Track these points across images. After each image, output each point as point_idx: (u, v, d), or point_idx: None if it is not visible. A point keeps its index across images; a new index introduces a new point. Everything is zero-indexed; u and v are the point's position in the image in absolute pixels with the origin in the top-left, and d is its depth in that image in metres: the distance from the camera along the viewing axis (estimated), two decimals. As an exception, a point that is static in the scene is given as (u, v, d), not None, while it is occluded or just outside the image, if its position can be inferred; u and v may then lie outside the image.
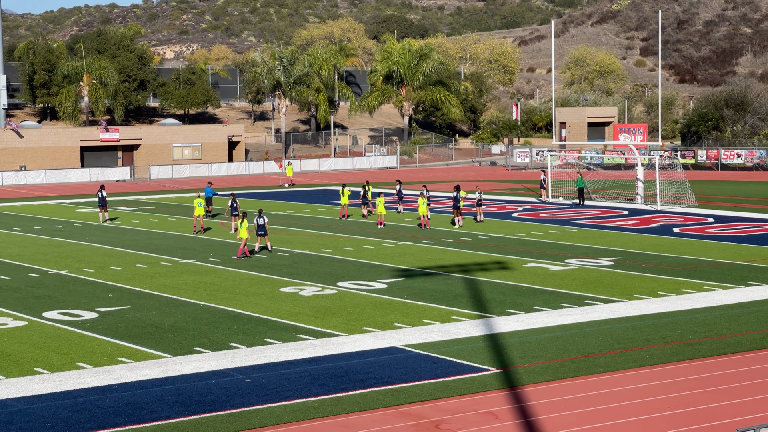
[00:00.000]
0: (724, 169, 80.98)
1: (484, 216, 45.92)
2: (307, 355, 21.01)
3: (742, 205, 52.47)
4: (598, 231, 41.95)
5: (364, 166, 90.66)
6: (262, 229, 35.67)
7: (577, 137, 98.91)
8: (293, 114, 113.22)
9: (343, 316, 24.96)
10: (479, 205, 45.23)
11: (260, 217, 35.85)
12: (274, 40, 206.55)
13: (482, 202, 46.14)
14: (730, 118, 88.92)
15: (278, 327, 23.80)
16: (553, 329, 23.23)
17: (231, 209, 42.83)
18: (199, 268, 32.97)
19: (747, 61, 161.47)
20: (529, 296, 27.27)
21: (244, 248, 35.12)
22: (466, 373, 19.48)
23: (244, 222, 35.04)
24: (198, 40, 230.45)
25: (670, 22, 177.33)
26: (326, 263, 33.79)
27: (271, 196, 62.40)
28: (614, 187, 60.58)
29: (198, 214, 42.75)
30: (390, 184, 56.84)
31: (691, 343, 21.72)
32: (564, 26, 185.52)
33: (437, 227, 43.57)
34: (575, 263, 33.03)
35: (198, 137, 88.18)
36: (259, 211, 36.76)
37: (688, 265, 32.47)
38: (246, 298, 27.45)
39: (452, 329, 23.30)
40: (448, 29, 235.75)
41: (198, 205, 42.85)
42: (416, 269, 32.13)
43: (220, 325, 24.12)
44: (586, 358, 20.58)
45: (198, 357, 20.97)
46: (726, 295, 27.16)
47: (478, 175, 77.57)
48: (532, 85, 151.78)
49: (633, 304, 26.04)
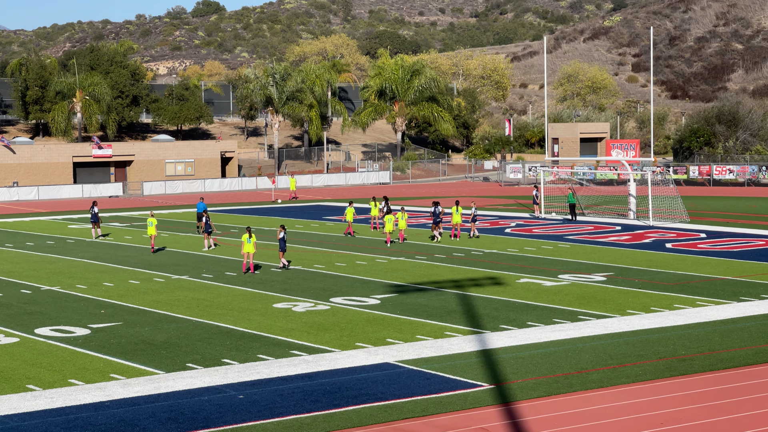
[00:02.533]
0: (716, 184, 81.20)
1: (477, 231, 45.95)
2: (300, 371, 20.97)
3: (735, 220, 52.59)
4: (590, 246, 42.00)
5: (357, 182, 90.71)
6: (282, 245, 35.74)
7: (569, 153, 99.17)
8: (286, 130, 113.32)
9: (336, 331, 24.93)
10: (474, 221, 45.35)
11: (281, 232, 35.93)
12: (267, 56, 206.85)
13: (477, 218, 46.31)
14: (722, 133, 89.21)
15: (271, 343, 23.76)
16: (546, 345, 23.23)
17: (205, 226, 42.69)
18: (191, 284, 32.92)
19: (738, 77, 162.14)
20: (522, 312, 27.27)
21: (248, 263, 35.06)
22: (459, 389, 19.46)
23: (253, 237, 34.96)
24: (191, 56, 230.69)
25: (661, 38, 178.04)
26: (319, 279, 33.76)
27: (264, 212, 62.37)
28: (607, 203, 60.69)
29: (150, 233, 41.90)
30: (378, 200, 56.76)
31: (684, 359, 21.74)
32: (556, 42, 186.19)
33: (434, 243, 43.59)
34: (568, 279, 33.05)
35: (191, 153, 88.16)
36: (281, 227, 36.45)
37: (681, 280, 32.52)
38: (239, 314, 27.40)
39: (445, 345, 23.28)
40: (440, 45, 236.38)
41: (150, 225, 42.07)
42: (409, 285, 32.12)
43: (213, 341, 24.07)
44: (580, 373, 20.58)
45: (191, 373, 20.91)
46: (718, 311, 27.20)
47: (470, 190, 77.69)
48: (525, 100, 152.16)
49: (626, 320, 26.05)
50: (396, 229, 43.74)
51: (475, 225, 45.32)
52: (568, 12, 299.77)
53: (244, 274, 34.90)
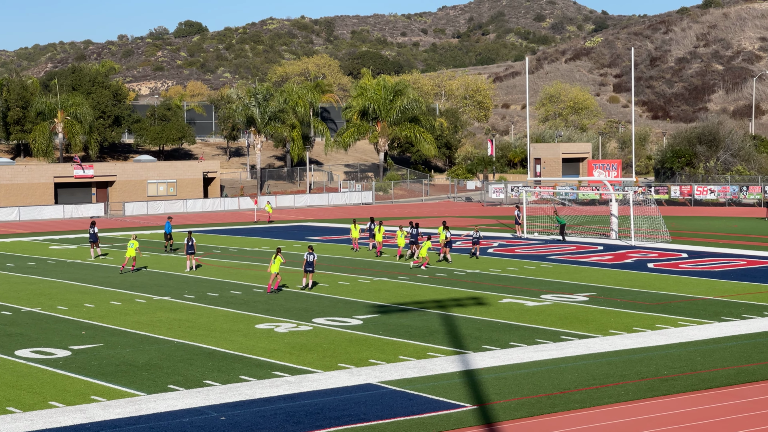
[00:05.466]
0: (697, 204, 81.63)
1: (455, 252, 46.28)
2: (283, 392, 20.91)
3: (716, 240, 52.85)
4: (573, 266, 42.10)
5: (340, 202, 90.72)
6: (311, 266, 35.68)
7: (551, 173, 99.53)
8: (269, 150, 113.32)
9: (319, 352, 24.88)
10: (477, 243, 45.60)
11: (310, 254, 35.86)
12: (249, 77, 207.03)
13: (480, 241, 46.60)
14: (702, 154, 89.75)
15: (253, 364, 23.68)
16: (528, 365, 23.25)
17: (187, 247, 42.61)
18: (173, 305, 32.81)
19: (719, 98, 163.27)
20: (505, 332, 27.29)
21: (273, 284, 35.14)
22: (442, 410, 19.44)
23: (278, 258, 34.96)
24: (173, 77, 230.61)
25: (642, 59, 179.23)
26: (302, 299, 33.71)
27: (246, 232, 62.28)
28: (589, 223, 60.90)
29: (129, 255, 41.34)
30: (364, 220, 56.84)
31: (666, 379, 21.79)
32: (538, 63, 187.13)
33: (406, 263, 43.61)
34: (550, 299, 33.11)
35: (173, 173, 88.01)
36: (309, 248, 36.50)
37: (663, 300, 32.63)
38: (221, 335, 27.31)
39: (428, 365, 23.27)
40: (423, 66, 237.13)
41: (130, 246, 41.51)
42: (392, 305, 32.11)
43: (195, 362, 23.97)
44: (562, 394, 20.59)
45: (172, 395, 20.82)
46: (700, 331, 27.30)
47: (453, 211, 77.80)
48: (507, 121, 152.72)
49: (608, 340, 26.11)
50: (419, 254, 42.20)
51: (478, 247, 45.71)
52: (549, 33, 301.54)
53: (268, 293, 34.92)
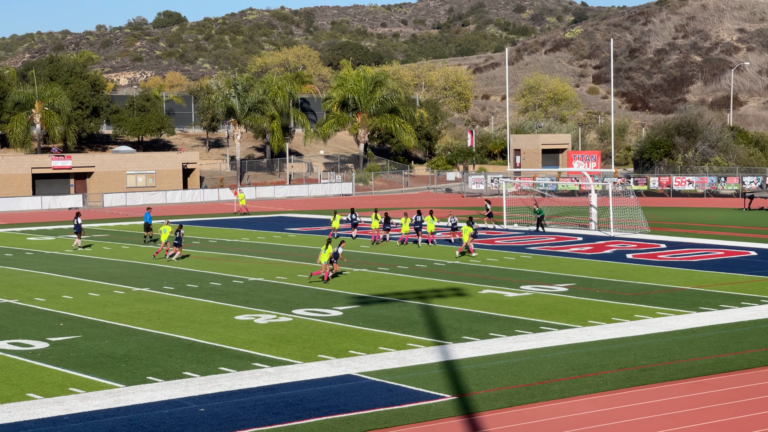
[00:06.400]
0: (676, 195, 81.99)
1: (437, 242, 46.89)
2: (262, 384, 20.88)
3: (694, 231, 53.11)
4: (552, 257, 42.22)
5: (320, 193, 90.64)
6: (335, 256, 36.26)
7: (531, 164, 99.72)
8: (248, 141, 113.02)
9: (299, 343, 24.86)
10: (455, 229, 47.53)
11: (338, 246, 37.10)
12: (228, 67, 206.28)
13: (457, 226, 48.23)
14: (681, 145, 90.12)
15: (233, 355, 23.63)
16: (508, 356, 23.30)
17: (176, 238, 42.57)
18: (152, 297, 32.69)
19: (697, 89, 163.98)
20: (485, 323, 27.34)
21: (325, 272, 35.49)
22: (421, 401, 19.46)
23: (329, 248, 35.39)
24: (152, 67, 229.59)
25: (622, 50, 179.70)
26: (281, 291, 33.66)
27: (226, 223, 62.12)
28: (568, 214, 61.06)
29: (164, 239, 43.21)
30: (346, 211, 56.82)
31: (645, 369, 21.89)
32: (518, 54, 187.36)
33: (404, 253, 43.62)
34: (530, 289, 33.19)
35: (152, 164, 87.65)
36: (340, 242, 38.36)
37: (641, 290, 32.77)
38: (200, 327, 27.24)
39: (408, 356, 23.29)
40: (403, 56, 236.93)
41: (163, 231, 43.32)
42: (372, 296, 32.10)
43: (174, 353, 23.90)
44: (541, 384, 20.65)
45: (151, 386, 20.75)
46: (678, 321, 27.43)
47: (433, 201, 77.84)
48: (487, 112, 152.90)
49: (587, 330, 26.20)
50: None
51: (455, 233, 47.00)
52: (529, 24, 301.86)
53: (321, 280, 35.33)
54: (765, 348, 23.86)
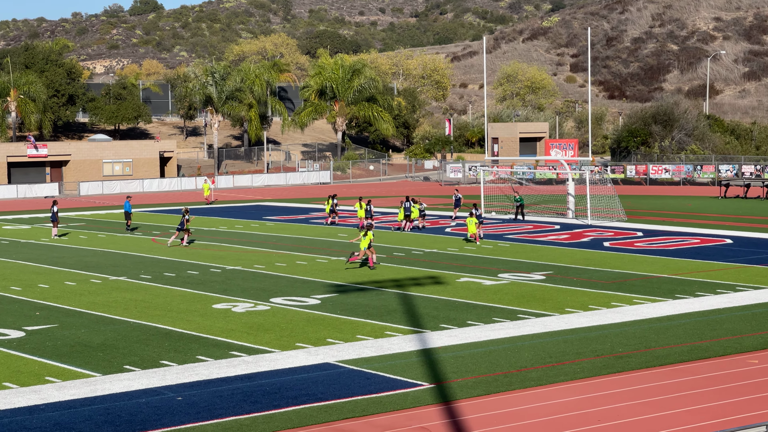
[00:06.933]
0: (652, 183, 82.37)
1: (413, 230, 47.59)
2: (240, 372, 20.85)
3: (670, 219, 53.37)
4: (530, 245, 42.32)
5: (298, 182, 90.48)
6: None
7: (509, 152, 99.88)
8: (226, 129, 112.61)
9: (276, 332, 24.83)
10: (422, 216, 48.48)
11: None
12: (206, 56, 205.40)
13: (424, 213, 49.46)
14: (658, 133, 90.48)
15: (210, 344, 23.58)
16: (485, 344, 23.35)
17: (180, 224, 43.02)
18: (129, 285, 32.56)
19: (674, 78, 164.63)
20: (462, 311, 27.39)
21: (369, 259, 35.75)
22: (399, 389, 19.48)
23: (368, 234, 35.51)
24: (129, 55, 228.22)
25: (599, 38, 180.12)
26: (259, 279, 33.60)
27: (203, 212, 61.91)
28: (546, 202, 61.21)
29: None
30: (323, 200, 56.72)
31: (621, 356, 22.00)
32: (496, 42, 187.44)
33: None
34: (508, 278, 33.27)
35: (129, 153, 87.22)
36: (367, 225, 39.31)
37: (618, 278, 32.91)
38: (178, 315, 27.16)
39: (386, 344, 23.30)
40: (381, 45, 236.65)
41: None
42: (350, 285, 32.09)
43: (151, 342, 23.82)
44: (519, 372, 20.72)
45: (128, 375, 20.68)
46: (654, 308, 27.57)
47: (411, 190, 77.83)
48: (465, 100, 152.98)
49: (564, 318, 26.29)
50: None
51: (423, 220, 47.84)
52: (507, 12, 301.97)
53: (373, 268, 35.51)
54: (740, 335, 24.03)
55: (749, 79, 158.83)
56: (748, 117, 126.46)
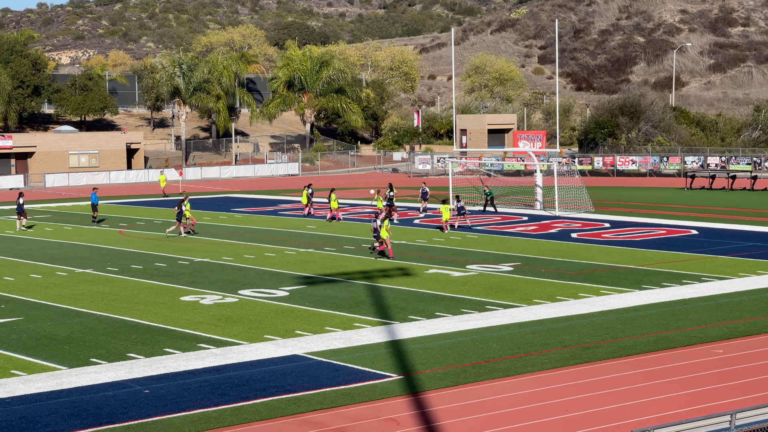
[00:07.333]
0: (619, 175, 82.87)
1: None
2: (208, 365, 20.78)
3: (637, 210, 53.72)
4: (498, 237, 42.46)
5: (266, 174, 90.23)
6: (377, 233, 36.38)
7: (477, 144, 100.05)
8: (193, 121, 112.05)
9: (245, 324, 24.76)
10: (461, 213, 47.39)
11: (373, 220, 37.06)
12: (173, 46, 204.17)
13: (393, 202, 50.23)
14: (625, 125, 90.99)
15: (178, 336, 23.48)
16: (454, 335, 23.42)
17: (178, 213, 43.19)
18: (96, 278, 32.34)
19: (641, 70, 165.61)
20: (431, 302, 27.44)
21: (388, 249, 35.81)
22: (367, 380, 19.49)
23: (386, 223, 35.68)
24: (95, 46, 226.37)
25: (566, 30, 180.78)
26: (227, 271, 33.49)
27: (171, 203, 61.57)
28: (514, 194, 61.41)
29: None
30: (298, 191, 56.62)
31: (588, 347, 22.13)
32: (464, 34, 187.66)
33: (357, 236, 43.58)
34: (476, 269, 33.35)
35: (95, 145, 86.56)
36: (375, 215, 38.79)
37: (586, 269, 33.09)
38: (145, 308, 27.02)
39: (354, 336, 23.31)
40: (349, 36, 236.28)
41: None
42: (318, 276, 32.07)
43: (118, 335, 23.68)
44: (487, 363, 20.79)
45: (94, 368, 20.55)
46: (621, 299, 27.75)
47: (379, 181, 77.80)
48: (433, 92, 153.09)
49: (532, 309, 26.41)
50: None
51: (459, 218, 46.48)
52: (475, 4, 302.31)
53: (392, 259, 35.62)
54: (705, 325, 24.24)
55: (714, 72, 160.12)
56: (713, 109, 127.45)
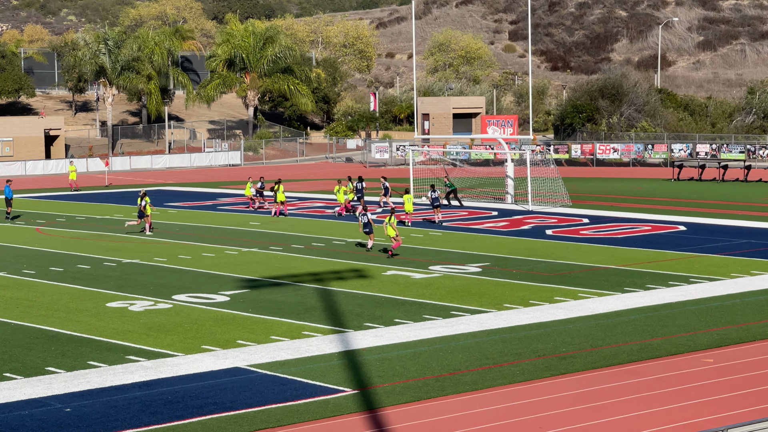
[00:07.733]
0: (599, 164, 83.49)
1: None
2: (138, 379, 20.69)
3: (619, 204, 54.15)
4: (464, 234, 42.61)
5: (204, 164, 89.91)
6: (368, 227, 37.00)
7: (441, 130, 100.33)
8: (121, 104, 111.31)
9: (180, 333, 24.68)
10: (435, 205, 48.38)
11: (363, 214, 37.83)
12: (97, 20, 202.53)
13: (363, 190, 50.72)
14: (605, 109, 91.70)
15: (104, 347, 23.36)
16: (415, 344, 23.47)
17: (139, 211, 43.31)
18: (10, 282, 32.07)
19: (623, 47, 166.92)
20: (389, 308, 27.49)
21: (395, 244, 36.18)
22: (318, 396, 19.50)
23: (392, 219, 36.02)
24: (7, 19, 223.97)
25: (540, 3, 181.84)
26: (160, 274, 33.34)
27: (95, 198, 61.18)
28: (482, 186, 61.66)
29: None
30: (242, 183, 56.43)
31: (565, 357, 22.27)
32: (426, 7, 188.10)
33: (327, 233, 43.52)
34: (440, 270, 33.45)
35: (9, 131, 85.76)
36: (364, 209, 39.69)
37: (562, 270, 33.30)
38: (66, 315, 26.84)
39: (303, 346, 23.31)
40: (297, 9, 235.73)
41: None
42: (263, 279, 32.02)
43: (35, 346, 23.51)
44: (452, 375, 20.87)
45: (8, 384, 20.39)
46: (601, 303, 27.96)
47: (332, 172, 77.81)
48: (392, 72, 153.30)
49: (503, 315, 26.53)
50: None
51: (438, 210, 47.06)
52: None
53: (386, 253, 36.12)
54: (693, 332, 24.49)
55: (704, 50, 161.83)
56: (702, 91, 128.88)
